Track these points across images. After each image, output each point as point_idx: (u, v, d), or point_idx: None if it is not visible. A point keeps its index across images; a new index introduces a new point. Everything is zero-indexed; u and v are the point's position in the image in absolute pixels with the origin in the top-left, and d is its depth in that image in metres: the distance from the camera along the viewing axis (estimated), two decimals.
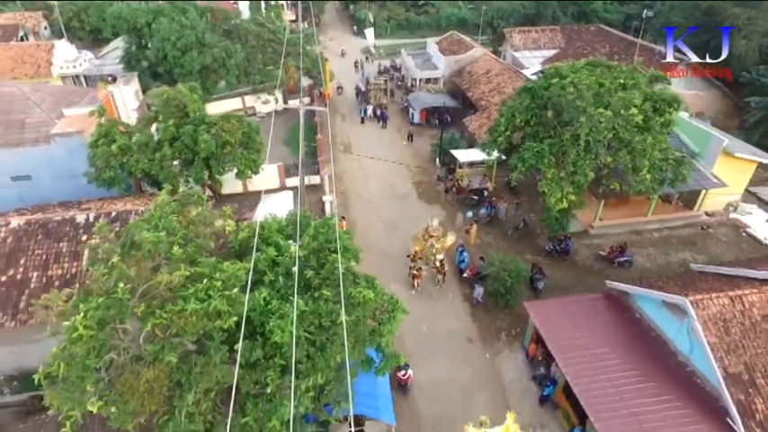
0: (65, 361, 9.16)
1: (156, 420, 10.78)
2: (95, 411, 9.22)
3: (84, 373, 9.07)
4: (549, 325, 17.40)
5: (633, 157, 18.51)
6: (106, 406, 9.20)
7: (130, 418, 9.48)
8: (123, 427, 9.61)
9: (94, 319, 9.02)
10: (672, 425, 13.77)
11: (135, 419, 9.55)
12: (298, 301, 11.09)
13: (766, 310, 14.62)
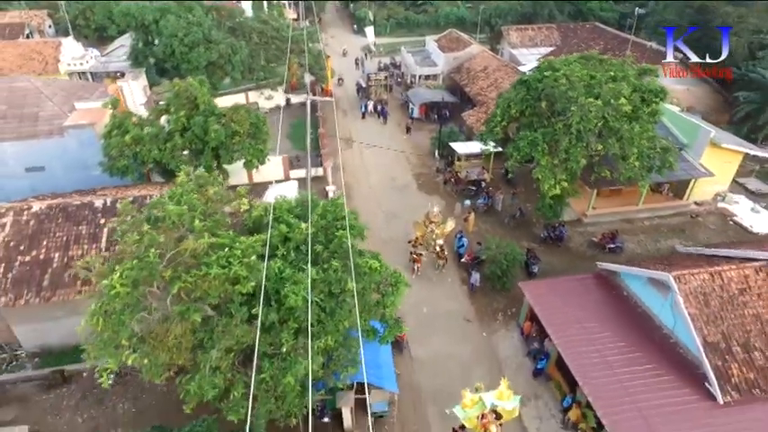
0: (103, 317, 10.18)
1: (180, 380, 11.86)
2: (130, 363, 10.25)
3: (120, 327, 10.10)
4: (542, 303, 18.48)
5: (622, 144, 19.60)
6: (139, 358, 10.24)
7: (160, 371, 10.51)
8: (154, 379, 10.65)
9: (129, 278, 10.06)
10: (655, 389, 14.85)
11: (164, 373, 10.57)
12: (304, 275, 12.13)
13: (743, 285, 15.70)
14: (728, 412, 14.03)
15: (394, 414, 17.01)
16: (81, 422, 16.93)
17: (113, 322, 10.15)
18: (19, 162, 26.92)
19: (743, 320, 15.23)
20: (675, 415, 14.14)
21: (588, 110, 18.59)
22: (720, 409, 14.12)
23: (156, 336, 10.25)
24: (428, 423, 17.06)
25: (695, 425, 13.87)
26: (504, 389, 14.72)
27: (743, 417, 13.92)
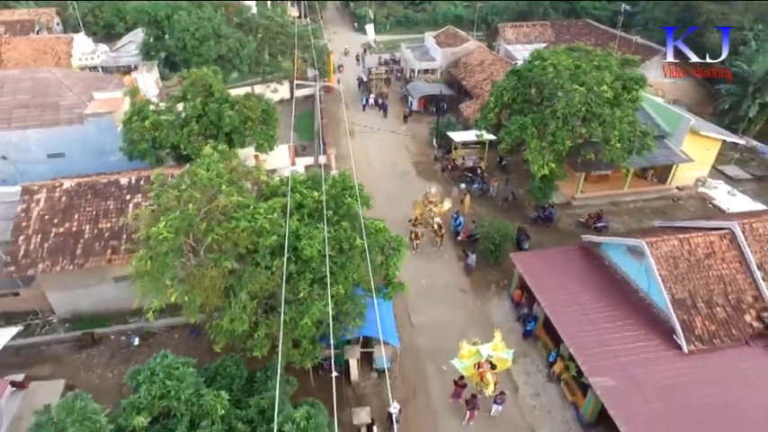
0: (150, 259, 11.97)
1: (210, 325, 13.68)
2: (173, 300, 12.05)
3: (165, 268, 11.90)
4: (531, 271, 20.33)
5: (604, 128, 21.45)
6: (180, 297, 12.03)
7: (197, 310, 12.30)
8: (191, 317, 12.44)
9: (173, 227, 11.84)
10: (630, 341, 16.71)
11: (200, 312, 12.37)
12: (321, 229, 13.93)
13: (708, 250, 17.56)
14: (692, 359, 15.89)
15: (396, 370, 18.82)
16: (111, 377, 18.70)
17: (159, 264, 11.94)
18: (41, 148, 28.66)
19: (707, 281, 17.09)
20: (646, 362, 16.00)
21: (573, 96, 20.44)
22: (685, 357, 15.98)
23: (193, 278, 12.05)
24: (426, 378, 18.88)
25: (663, 369, 15.71)
26: (498, 341, 16.65)
27: (704, 362, 15.77)
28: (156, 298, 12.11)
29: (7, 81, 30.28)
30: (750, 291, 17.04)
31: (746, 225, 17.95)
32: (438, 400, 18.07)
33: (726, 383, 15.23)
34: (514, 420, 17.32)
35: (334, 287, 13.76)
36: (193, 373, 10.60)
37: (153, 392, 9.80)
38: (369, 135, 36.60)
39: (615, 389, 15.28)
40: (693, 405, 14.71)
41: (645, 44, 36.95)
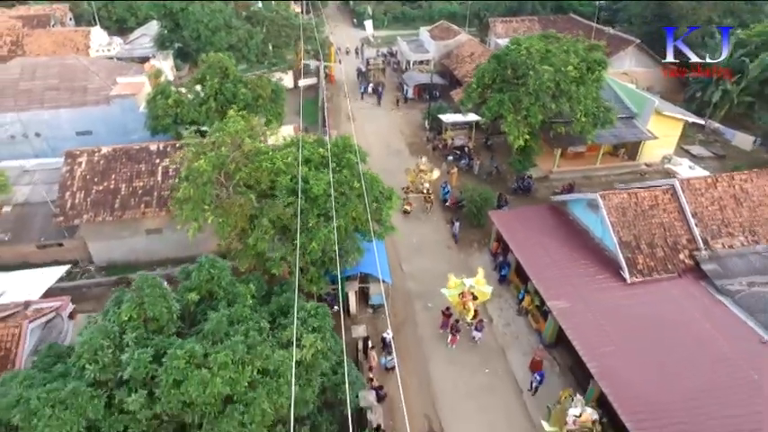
0: (193, 187, 15.34)
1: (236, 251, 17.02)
2: (209, 222, 15.41)
3: (204, 195, 15.26)
4: (506, 225, 23.72)
5: (571, 103, 24.86)
6: (215, 219, 15.40)
7: (227, 231, 15.66)
8: (223, 236, 15.79)
9: (210, 163, 15.20)
10: (585, 276, 20.12)
11: (230, 232, 15.73)
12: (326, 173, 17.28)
13: (653, 202, 20.95)
14: (634, 287, 19.28)
15: (388, 305, 22.17)
16: None
17: (200, 192, 15.30)
18: (71, 126, 32.05)
19: (650, 227, 20.48)
20: (596, 290, 19.40)
21: (542, 74, 23.85)
22: (628, 286, 19.36)
23: (226, 205, 15.41)
24: (415, 313, 22.27)
25: (609, 295, 19.10)
26: (480, 277, 20.03)
27: (643, 290, 19.16)
28: (196, 220, 15.45)
29: (39, 67, 33.70)
30: (685, 235, 20.43)
31: (685, 182, 21.40)
32: (424, 330, 21.44)
33: (659, 305, 18.60)
34: (489, 344, 20.69)
35: (336, 221, 17.10)
36: (229, 270, 13.94)
37: (201, 277, 13.10)
38: (367, 119, 39.98)
39: (568, 309, 18.66)
40: (632, 321, 18.07)
41: (619, 35, 40.42)
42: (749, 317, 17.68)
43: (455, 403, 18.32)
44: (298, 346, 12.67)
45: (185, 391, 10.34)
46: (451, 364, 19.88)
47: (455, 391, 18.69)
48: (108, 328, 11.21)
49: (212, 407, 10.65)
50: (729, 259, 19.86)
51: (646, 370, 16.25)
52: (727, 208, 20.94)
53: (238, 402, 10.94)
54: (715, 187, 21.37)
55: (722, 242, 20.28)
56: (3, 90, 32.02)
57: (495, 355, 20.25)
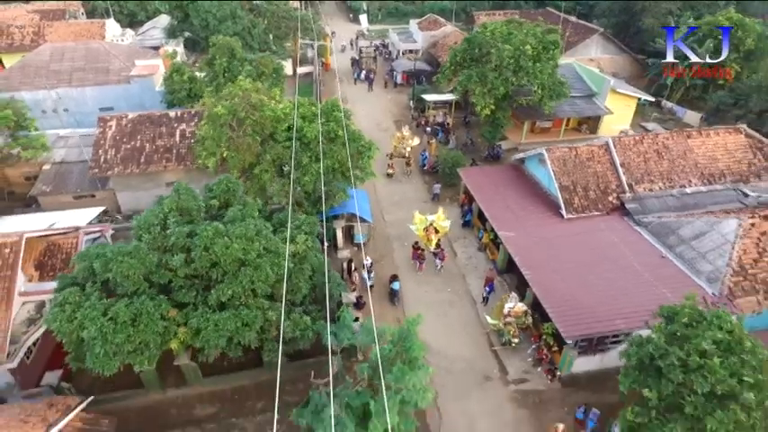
0: (212, 127, 19.90)
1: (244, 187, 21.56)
2: (224, 156, 19.96)
3: (221, 134, 19.83)
4: (471, 179, 28.27)
5: (529, 78, 29.42)
6: (229, 154, 19.95)
7: (239, 165, 20.20)
8: (235, 168, 20.31)
9: (226, 108, 19.76)
10: (532, 214, 24.63)
11: (240, 166, 20.27)
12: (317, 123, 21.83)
13: (589, 156, 25.47)
14: (569, 222, 23.78)
15: (370, 243, 26.71)
16: None
17: (217, 131, 19.87)
18: (95, 103, 36.63)
19: (586, 175, 25.02)
20: (539, 224, 23.91)
21: (503, 51, 28.43)
22: (565, 221, 23.87)
23: (238, 143, 19.97)
24: (392, 250, 26.82)
25: (549, 228, 23.61)
26: (440, 214, 24.56)
27: (576, 224, 23.65)
28: (213, 155, 19.98)
29: (66, 51, 38.37)
30: (614, 181, 24.95)
31: (617, 139, 25.98)
32: (399, 261, 25.98)
33: (588, 234, 23.11)
34: (452, 270, 25.24)
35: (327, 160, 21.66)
36: (242, 187, 18.47)
37: (221, 188, 17.63)
38: (359, 101, 44.56)
39: (514, 237, 23.18)
40: (564, 245, 22.57)
41: (586, 25, 45.04)
42: (656, 240, 22.22)
43: (421, 309, 22.77)
44: (292, 242, 17.21)
45: (213, 253, 14.87)
46: (419, 284, 24.44)
47: (421, 303, 23.19)
48: (156, 212, 15.77)
49: (231, 266, 15.15)
50: (648, 200, 24.39)
51: (570, 279, 20.72)
52: (651, 160, 25.48)
53: (249, 266, 15.43)
54: (642, 144, 25.94)
55: (644, 187, 24.81)
56: (36, 71, 36.66)
57: (456, 279, 24.79)
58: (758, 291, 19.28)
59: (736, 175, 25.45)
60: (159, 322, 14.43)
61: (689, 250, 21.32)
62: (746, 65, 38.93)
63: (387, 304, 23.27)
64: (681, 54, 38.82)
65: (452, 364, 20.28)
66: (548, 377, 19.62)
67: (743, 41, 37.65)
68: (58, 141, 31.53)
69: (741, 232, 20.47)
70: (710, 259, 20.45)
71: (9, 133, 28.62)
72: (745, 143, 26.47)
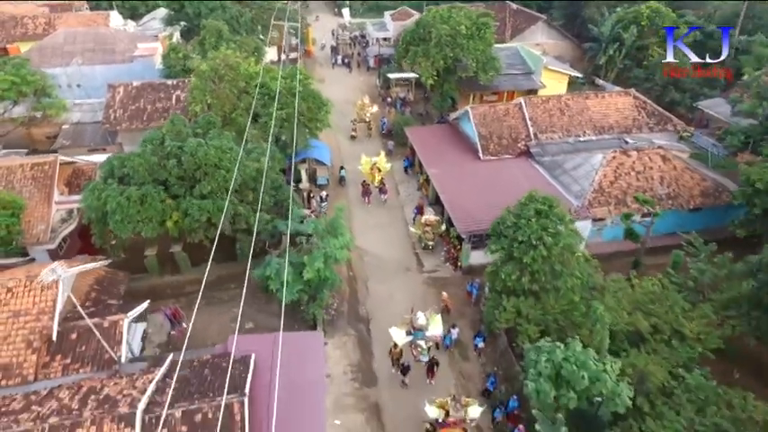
0: (199, 81, 26.53)
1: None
2: (208, 102, 26.56)
3: (205, 84, 26.45)
4: (415, 136, 34.95)
5: (465, 53, 36.08)
6: (213, 101, 26.58)
7: (220, 112, 26.81)
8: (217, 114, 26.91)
9: (209, 66, 26.40)
10: (456, 156, 31.19)
11: (222, 113, 26.88)
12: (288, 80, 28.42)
13: (506, 113, 32.10)
14: (484, 162, 30.39)
15: (330, 185, 33.34)
16: None
17: (202, 83, 26.49)
18: (103, 79, 42.98)
19: (501, 127, 31.67)
20: (460, 164, 30.51)
21: (441, 30, 35.12)
22: (481, 161, 30.47)
23: (219, 93, 26.60)
24: (348, 189, 33.50)
25: (468, 166, 30.22)
26: (382, 157, 31.23)
27: (490, 164, 30.26)
28: (201, 102, 26.61)
29: (78, 35, 45.13)
30: (524, 132, 31.55)
31: (528, 99, 32.68)
32: (351, 197, 32.62)
33: (497, 170, 29.68)
34: (393, 203, 31.96)
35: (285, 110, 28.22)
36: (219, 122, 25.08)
37: (204, 120, 24.27)
38: (335, 82, 51.20)
39: (438, 172, 29.78)
40: (477, 178, 29.14)
41: (530, 13, 51.76)
42: (547, 173, 28.85)
43: (366, 229, 29.52)
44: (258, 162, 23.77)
45: (196, 158, 21.43)
46: (367, 213, 31.11)
47: (367, 224, 29.85)
48: (157, 133, 22.39)
49: (209, 168, 21.68)
50: (549, 146, 31.00)
51: (473, 198, 27.25)
52: (554, 116, 32.13)
53: (222, 169, 21.96)
54: (548, 103, 32.63)
55: (547, 136, 31.43)
56: (53, 51, 43.36)
57: (396, 209, 31.45)
58: (610, 203, 25.91)
59: (623, 128, 32.11)
60: (159, 204, 21.00)
61: (567, 177, 27.97)
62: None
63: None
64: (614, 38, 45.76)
65: (384, 262, 26.91)
66: (452, 268, 26.21)
67: (660, 27, 44.28)
68: (74, 107, 38.19)
69: (604, 162, 27.12)
70: (580, 182, 27.11)
71: (36, 98, 35.23)
72: (633, 103, 33.19)
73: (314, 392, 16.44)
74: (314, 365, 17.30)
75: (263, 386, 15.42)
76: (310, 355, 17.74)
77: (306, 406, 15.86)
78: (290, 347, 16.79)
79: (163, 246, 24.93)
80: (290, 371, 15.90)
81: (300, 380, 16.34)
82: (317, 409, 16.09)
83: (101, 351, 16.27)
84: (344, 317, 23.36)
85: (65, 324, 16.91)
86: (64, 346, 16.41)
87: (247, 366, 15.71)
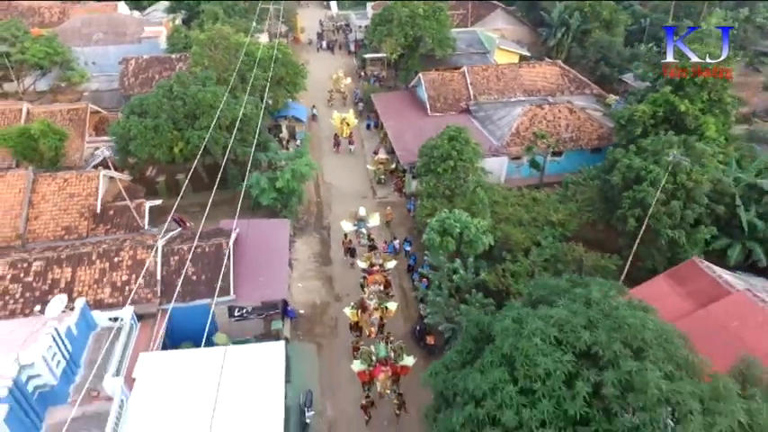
0: (198, 47, 33.99)
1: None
2: (206, 65, 33.99)
3: (203, 51, 33.90)
4: (378, 100, 42.42)
5: (424, 31, 43.58)
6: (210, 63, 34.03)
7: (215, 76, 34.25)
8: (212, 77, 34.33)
9: (206, 36, 33.87)
10: (411, 114, 38.64)
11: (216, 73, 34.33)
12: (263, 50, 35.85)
13: (451, 78, 39.54)
14: (432, 117, 37.80)
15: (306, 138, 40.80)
16: None
17: (201, 49, 33.94)
18: (115, 58, 50.61)
19: (447, 89, 39.12)
20: (411, 119, 37.92)
21: (401, 12, 42.64)
22: (429, 116, 37.90)
23: (213, 59, 34.04)
24: (322, 143, 40.91)
25: (417, 121, 37.63)
26: (350, 114, 38.69)
27: (436, 118, 37.66)
28: (200, 64, 34.03)
29: (93, 20, 52.70)
30: (465, 93, 39.01)
31: (469, 67, 40.13)
32: (325, 148, 40.08)
33: (441, 123, 36.88)
34: (359, 153, 39.36)
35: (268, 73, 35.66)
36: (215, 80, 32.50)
37: (203, 75, 31.66)
38: (319, 63, 58.70)
39: (393, 124, 37.21)
40: (424, 129, 36.46)
41: (491, 2, 59.28)
42: (480, 124, 36.28)
43: (334, 170, 37.03)
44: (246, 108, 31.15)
45: (196, 100, 28.84)
46: (336, 159, 38.70)
47: (336, 166, 37.42)
48: (166, 82, 29.81)
49: (206, 108, 29.06)
50: (485, 105, 38.42)
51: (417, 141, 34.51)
52: (491, 81, 39.58)
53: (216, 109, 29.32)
54: (486, 71, 40.11)
55: (484, 97, 38.86)
56: (72, 34, 50.87)
57: (360, 157, 38.97)
58: (522, 144, 33.27)
59: (548, 91, 39.56)
60: (168, 134, 28.39)
61: (494, 126, 35.44)
62: (608, 31, 52.98)
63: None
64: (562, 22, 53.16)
65: (346, 191, 34.43)
66: (399, 195, 33.63)
67: (600, 13, 51.79)
68: (93, 78, 45.71)
69: (522, 114, 34.56)
70: (503, 129, 34.56)
71: (61, 70, 42.71)
72: (558, 72, 40.71)
73: (280, 252, 23.86)
74: (281, 237, 24.72)
75: (242, 246, 22.84)
76: (279, 232, 25.16)
77: (274, 258, 23.25)
78: (264, 227, 24.29)
79: (170, 175, 32.39)
80: (262, 240, 23.35)
81: (270, 245, 23.76)
82: (281, 260, 23.50)
83: (131, 221, 23.70)
84: (312, 225, 30.85)
85: (105, 205, 24.33)
86: (105, 218, 23.86)
87: (230, 231, 23.10)
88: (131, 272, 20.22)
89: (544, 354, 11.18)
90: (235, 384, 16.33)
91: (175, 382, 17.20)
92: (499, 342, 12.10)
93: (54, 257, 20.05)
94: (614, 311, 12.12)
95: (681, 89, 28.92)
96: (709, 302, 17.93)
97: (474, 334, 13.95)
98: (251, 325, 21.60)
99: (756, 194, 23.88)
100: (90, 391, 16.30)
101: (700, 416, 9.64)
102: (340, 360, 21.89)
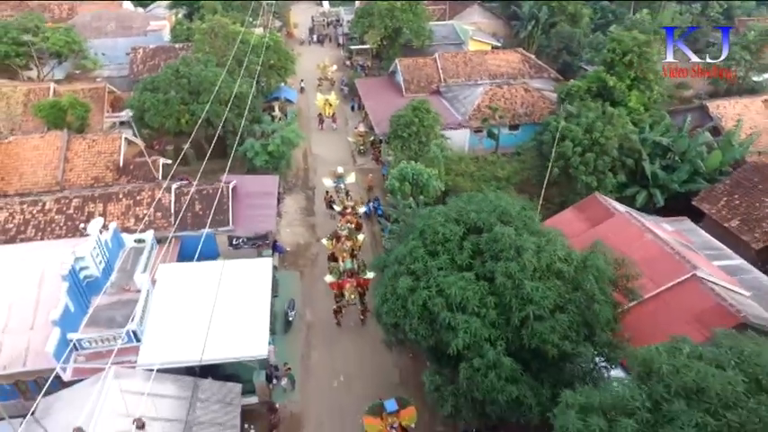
0: (199, 35, 39.48)
1: None
2: (207, 51, 39.46)
3: (205, 38, 39.37)
4: (361, 84, 47.94)
5: (403, 23, 49.13)
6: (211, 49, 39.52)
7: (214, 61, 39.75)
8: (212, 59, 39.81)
9: (207, 25, 39.34)
10: (388, 95, 44.17)
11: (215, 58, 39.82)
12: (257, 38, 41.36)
13: (425, 64, 45.13)
14: (407, 97, 43.25)
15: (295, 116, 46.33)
16: None
17: (204, 36, 39.39)
18: (123, 49, 56.23)
19: (420, 74, 44.77)
20: (388, 99, 43.45)
21: (381, 7, 48.19)
22: (404, 97, 43.38)
23: (214, 46, 39.52)
24: (309, 122, 46.43)
25: (394, 99, 43.14)
26: (333, 95, 44.34)
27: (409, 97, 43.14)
28: (203, 50, 39.42)
29: (102, 14, 58.25)
30: (437, 77, 44.57)
31: (440, 54, 45.71)
32: (312, 126, 45.63)
33: None
34: (342, 130, 44.94)
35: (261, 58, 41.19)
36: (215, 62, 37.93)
37: (205, 59, 37.06)
38: (310, 54, 64.33)
39: (373, 104, 42.74)
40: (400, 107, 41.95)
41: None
42: (448, 103, 41.81)
43: (319, 143, 42.60)
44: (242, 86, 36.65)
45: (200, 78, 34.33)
46: (321, 134, 44.23)
47: (321, 141, 42.96)
48: (173, 63, 35.29)
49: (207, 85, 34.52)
50: (454, 87, 43.92)
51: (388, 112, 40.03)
52: (460, 67, 45.18)
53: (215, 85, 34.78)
54: (456, 57, 45.70)
55: (453, 81, 44.41)
56: (83, 27, 56.34)
57: (342, 133, 44.57)
58: (481, 119, 38.78)
59: (511, 75, 45.14)
60: (176, 107, 33.85)
61: (459, 104, 41.02)
62: (574, 24, 58.55)
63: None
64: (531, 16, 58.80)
65: (329, 160, 39.96)
66: (375, 163, 39.15)
67: (566, 8, 57.39)
68: (104, 67, 51.23)
69: (483, 92, 40.10)
70: (466, 106, 40.10)
71: (77, 59, 48.19)
72: (520, 58, 46.37)
73: (268, 197, 29.35)
74: (269, 187, 30.21)
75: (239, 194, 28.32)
76: (268, 183, 30.65)
77: (264, 201, 28.74)
78: (256, 180, 29.80)
79: (178, 145, 37.85)
80: (255, 189, 28.85)
81: (261, 192, 29.25)
82: (270, 203, 28.97)
83: (148, 173, 29.18)
84: (299, 186, 36.45)
85: (126, 160, 29.83)
86: (127, 171, 29.37)
87: (230, 180, 28.56)
88: (150, 207, 25.69)
89: (443, 226, 16.70)
90: (231, 288, 21.76)
91: (186, 285, 22.66)
92: (416, 223, 17.63)
93: (89, 195, 25.56)
94: (499, 207, 17.62)
95: (612, 68, 34.49)
96: (599, 223, 23.51)
97: (406, 229, 19.47)
98: (246, 253, 27.03)
99: (660, 151, 29.44)
100: (122, 286, 21.82)
101: (533, 252, 15.17)
102: (317, 281, 27.37)
